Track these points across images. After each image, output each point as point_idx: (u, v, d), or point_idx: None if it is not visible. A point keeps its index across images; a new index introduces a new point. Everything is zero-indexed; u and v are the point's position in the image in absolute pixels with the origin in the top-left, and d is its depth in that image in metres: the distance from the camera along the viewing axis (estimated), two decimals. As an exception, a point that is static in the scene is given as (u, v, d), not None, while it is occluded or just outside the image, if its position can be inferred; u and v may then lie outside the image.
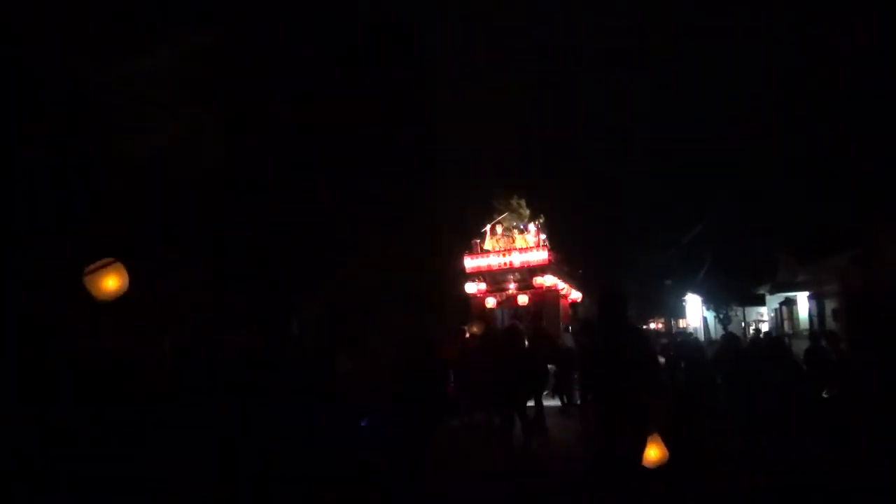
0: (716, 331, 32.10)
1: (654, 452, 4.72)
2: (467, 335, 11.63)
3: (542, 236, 16.33)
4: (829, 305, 23.03)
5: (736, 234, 32.07)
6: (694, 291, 34.80)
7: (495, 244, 16.74)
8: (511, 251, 16.24)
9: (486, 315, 15.98)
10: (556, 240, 17.60)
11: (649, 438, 4.74)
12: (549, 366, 11.96)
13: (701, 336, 32.37)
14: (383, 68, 23.95)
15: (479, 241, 16.71)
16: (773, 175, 30.49)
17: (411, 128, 24.54)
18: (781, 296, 27.93)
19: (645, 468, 4.72)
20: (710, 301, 33.38)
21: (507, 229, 16.88)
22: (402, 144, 23.41)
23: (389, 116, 23.46)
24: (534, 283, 15.74)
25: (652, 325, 40.45)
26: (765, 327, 28.00)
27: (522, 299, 15.77)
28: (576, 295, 18.91)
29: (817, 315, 24.29)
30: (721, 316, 32.20)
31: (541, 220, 17.04)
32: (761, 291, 30.04)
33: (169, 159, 16.85)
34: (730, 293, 31.50)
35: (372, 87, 22.92)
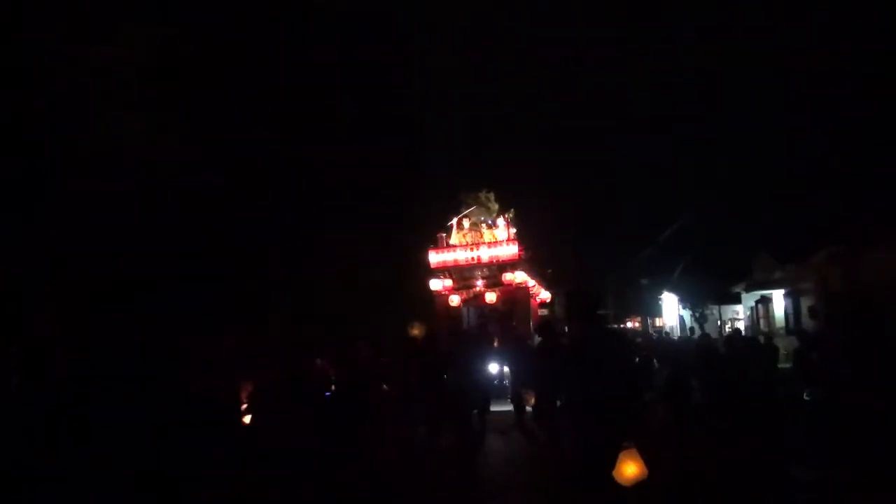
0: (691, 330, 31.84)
1: (630, 468, 4.21)
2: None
3: (513, 230, 15.53)
4: (805, 303, 22.77)
5: (713, 232, 31.92)
6: (670, 290, 34.60)
7: (462, 239, 15.87)
8: (479, 245, 15.41)
9: (451, 314, 15.21)
10: (526, 236, 16.88)
11: (625, 453, 4.24)
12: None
13: (676, 335, 32.24)
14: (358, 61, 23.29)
15: (444, 234, 15.85)
16: (751, 174, 30.24)
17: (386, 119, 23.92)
18: (757, 294, 27.76)
19: (619, 485, 4.25)
20: (686, 299, 33.14)
21: (475, 224, 16.04)
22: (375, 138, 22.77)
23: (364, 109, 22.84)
24: (503, 279, 14.96)
25: (628, 324, 40.04)
26: (741, 325, 27.69)
27: (490, 297, 14.94)
28: (545, 295, 18.19)
29: (793, 313, 24.18)
30: (697, 314, 31.95)
31: (510, 214, 16.24)
32: (737, 290, 29.86)
33: (134, 155, 16.17)
34: (706, 291, 31.31)
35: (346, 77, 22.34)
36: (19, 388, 7.73)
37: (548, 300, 19.10)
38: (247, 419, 7.12)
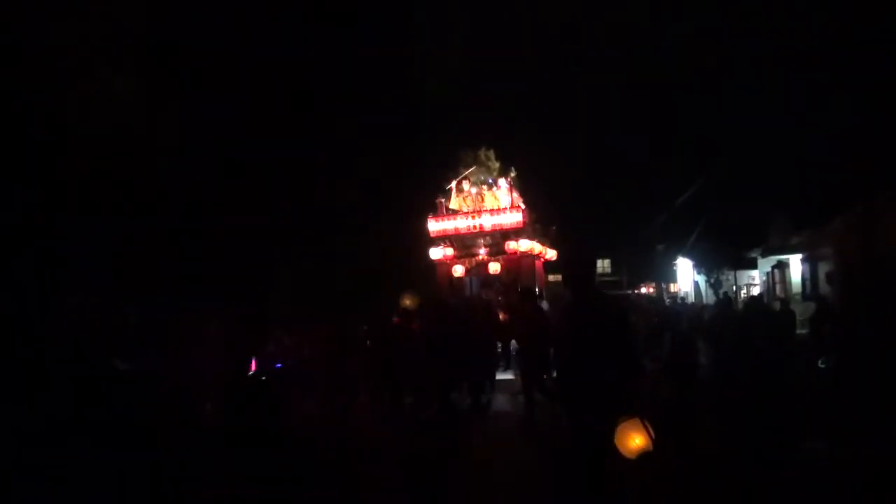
0: (707, 295, 31.21)
1: (635, 440, 4.10)
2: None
3: (515, 195, 14.93)
4: (823, 269, 22.18)
5: (729, 196, 31.14)
6: (685, 255, 33.99)
7: (462, 203, 15.25)
8: (481, 212, 14.83)
9: (453, 284, 14.79)
10: (530, 196, 16.20)
11: (628, 423, 4.13)
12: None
13: (691, 300, 31.71)
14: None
15: (443, 199, 15.26)
16: (769, 137, 29.32)
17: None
18: (773, 259, 27.15)
19: (623, 456, 4.15)
20: (701, 265, 32.53)
21: (476, 184, 15.35)
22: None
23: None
24: (507, 248, 14.45)
25: (643, 290, 39.52)
26: (756, 291, 27.15)
27: (494, 267, 14.41)
28: (549, 252, 17.31)
29: (810, 279, 23.68)
30: (712, 280, 31.34)
31: (512, 175, 15.53)
32: (753, 255, 29.20)
33: (124, 133, 15.86)
34: (721, 257, 30.65)
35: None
36: None
37: (553, 258, 18.22)
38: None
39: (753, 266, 29.91)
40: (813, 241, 23.06)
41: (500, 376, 11.21)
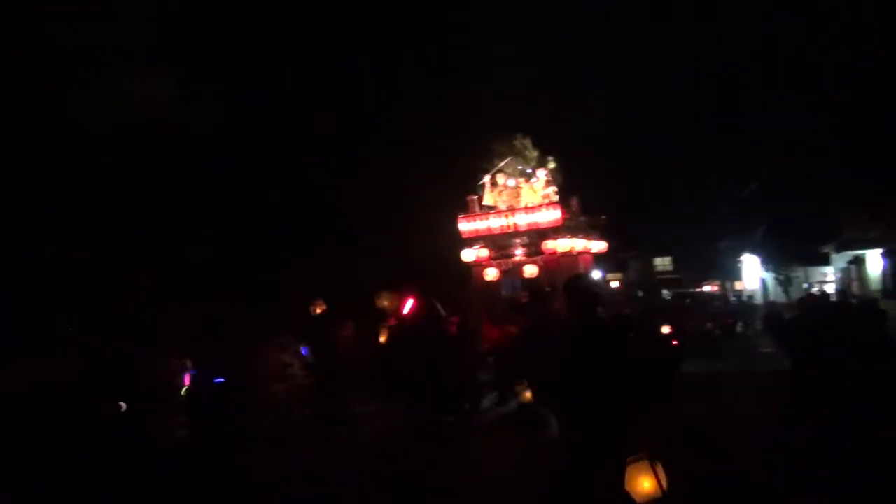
0: (775, 293, 29.37)
1: (645, 483, 3.73)
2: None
3: (553, 188, 13.66)
4: (907, 264, 20.34)
5: (799, 187, 29.16)
6: (751, 252, 32.11)
7: (497, 199, 14.02)
8: (516, 211, 13.63)
9: (489, 288, 13.62)
10: (574, 187, 14.81)
11: (636, 466, 3.75)
12: None
13: (759, 300, 29.96)
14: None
15: (476, 196, 14.08)
16: (842, 121, 27.20)
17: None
18: (849, 254, 25.15)
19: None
20: (768, 262, 30.62)
21: (512, 176, 14.08)
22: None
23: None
24: (544, 247, 13.22)
25: (706, 289, 37.59)
26: (830, 288, 25.22)
27: (530, 270, 13.16)
28: (600, 245, 15.73)
29: (892, 274, 21.86)
30: (781, 277, 29.43)
31: (550, 167, 14.23)
32: (826, 250, 27.27)
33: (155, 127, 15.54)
34: (791, 253, 28.75)
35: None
36: None
37: (604, 250, 16.56)
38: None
39: (827, 262, 28.14)
40: (894, 233, 21.34)
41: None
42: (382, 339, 9.80)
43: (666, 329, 18.96)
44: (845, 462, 6.37)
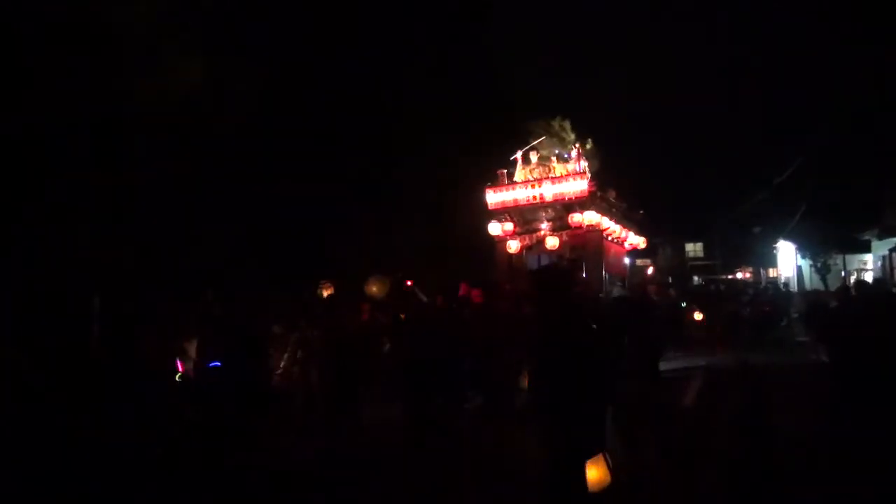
0: (811, 281, 28.43)
1: (592, 472, 3.79)
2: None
3: (583, 163, 13.13)
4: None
5: (838, 170, 28.15)
6: (787, 238, 31.12)
7: (528, 175, 13.55)
8: (542, 181, 13.14)
9: (513, 263, 13.12)
10: (611, 173, 14.48)
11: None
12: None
13: (794, 287, 29.04)
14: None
15: (505, 171, 13.63)
16: (884, 101, 26.15)
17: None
18: (891, 241, 24.16)
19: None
20: (805, 248, 29.66)
21: (544, 158, 13.69)
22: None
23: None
24: (570, 221, 12.70)
25: (738, 275, 36.70)
26: (869, 277, 24.25)
27: (552, 242, 12.65)
28: (637, 239, 15.55)
29: None
30: (818, 265, 28.44)
31: (588, 146, 13.77)
32: (866, 237, 26.31)
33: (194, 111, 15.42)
34: (828, 239, 27.80)
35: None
36: None
37: (640, 246, 16.30)
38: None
39: (867, 249, 27.19)
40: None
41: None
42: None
43: (698, 316, 18.42)
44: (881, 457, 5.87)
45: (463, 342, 7.66)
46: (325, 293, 8.83)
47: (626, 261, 15.93)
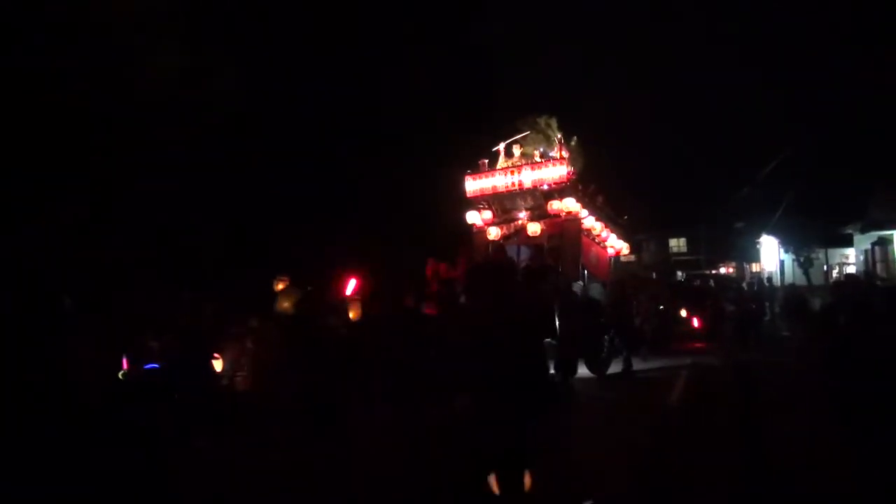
0: (794, 275, 28.42)
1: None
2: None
3: (565, 152, 12.80)
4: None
5: (820, 165, 28.09)
6: (769, 233, 31.01)
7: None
8: (521, 168, 12.81)
9: (493, 252, 12.74)
10: (596, 175, 14.22)
11: None
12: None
13: (777, 282, 28.91)
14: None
15: (486, 161, 13.27)
16: (864, 97, 26.09)
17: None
18: (874, 235, 24.11)
19: None
20: (788, 243, 29.57)
21: (528, 154, 13.35)
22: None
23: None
24: (549, 208, 12.39)
25: (722, 271, 36.55)
26: (851, 270, 24.18)
27: (533, 228, 12.34)
28: (619, 244, 15.25)
29: None
30: (801, 259, 28.40)
31: (573, 143, 13.45)
32: (848, 231, 26.28)
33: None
34: (811, 233, 27.77)
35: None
36: None
37: (623, 251, 16.00)
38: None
39: (849, 243, 27.25)
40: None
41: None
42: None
43: (684, 312, 18.12)
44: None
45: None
46: (280, 286, 8.21)
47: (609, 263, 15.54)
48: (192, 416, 5.90)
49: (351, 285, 8.40)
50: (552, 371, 8.78)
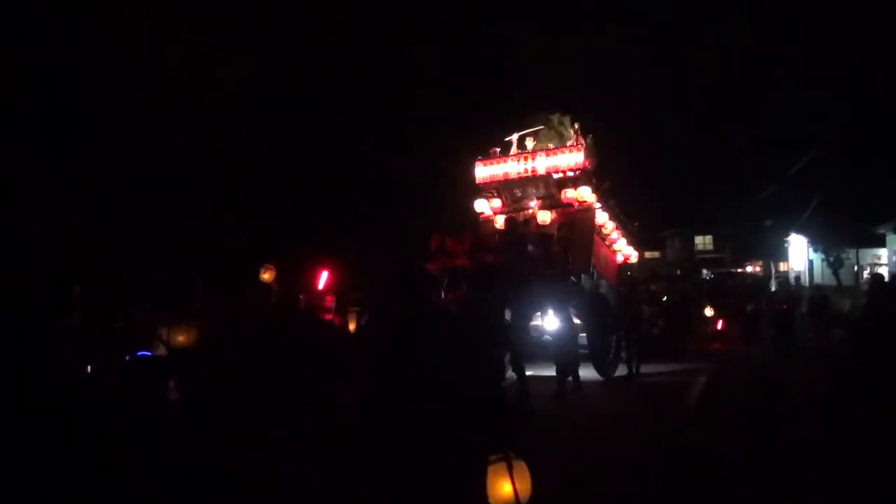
0: (823, 275, 27.82)
1: (504, 487, 3.37)
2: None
3: (582, 141, 12.29)
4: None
5: (852, 163, 27.36)
6: (798, 231, 30.28)
7: (521, 157, 12.78)
8: (535, 154, 12.32)
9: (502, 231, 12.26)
10: (610, 175, 13.68)
11: (494, 467, 3.39)
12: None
13: (805, 282, 28.16)
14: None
15: (498, 150, 12.80)
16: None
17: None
18: (908, 235, 23.41)
19: None
20: (817, 242, 28.86)
21: (539, 149, 12.82)
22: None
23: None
24: (563, 197, 11.89)
25: (748, 269, 35.86)
26: (884, 272, 23.41)
27: (543, 217, 11.83)
28: (628, 250, 14.65)
29: None
30: (831, 259, 27.64)
31: (590, 139, 12.93)
32: (881, 230, 25.57)
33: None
34: (842, 233, 27.02)
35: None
36: None
37: (631, 259, 15.27)
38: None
39: (881, 243, 26.56)
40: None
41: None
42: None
43: (709, 311, 17.54)
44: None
45: None
46: (266, 276, 7.92)
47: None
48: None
49: (323, 278, 8.10)
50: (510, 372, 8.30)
